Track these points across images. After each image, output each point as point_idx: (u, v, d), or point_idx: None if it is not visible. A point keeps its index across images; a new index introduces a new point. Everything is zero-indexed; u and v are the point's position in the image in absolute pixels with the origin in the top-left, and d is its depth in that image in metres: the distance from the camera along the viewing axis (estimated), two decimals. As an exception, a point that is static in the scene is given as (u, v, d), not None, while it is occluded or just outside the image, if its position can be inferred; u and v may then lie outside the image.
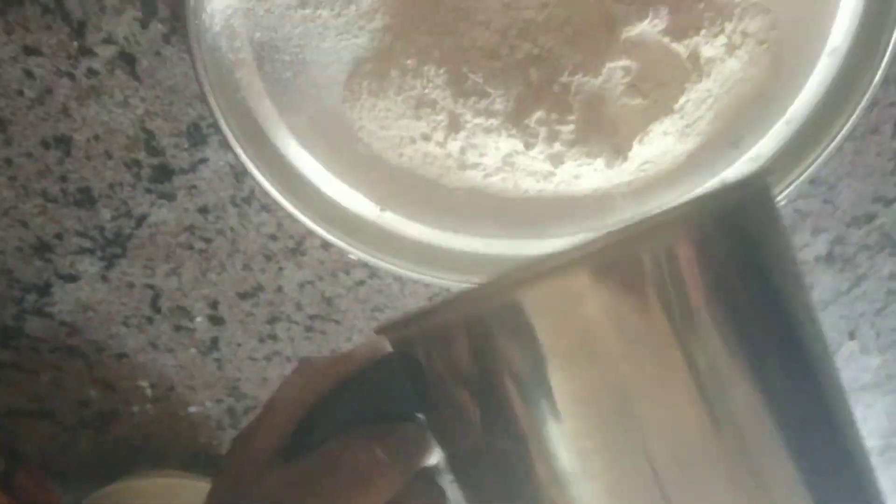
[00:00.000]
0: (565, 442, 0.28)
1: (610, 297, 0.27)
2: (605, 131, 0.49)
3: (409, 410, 0.32)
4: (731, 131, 0.52)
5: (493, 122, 0.49)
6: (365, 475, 0.30)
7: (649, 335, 0.27)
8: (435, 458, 0.32)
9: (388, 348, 0.32)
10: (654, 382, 0.27)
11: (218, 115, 0.47)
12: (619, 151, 0.49)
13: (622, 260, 0.27)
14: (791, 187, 0.53)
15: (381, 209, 0.55)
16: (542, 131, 0.48)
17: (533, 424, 0.28)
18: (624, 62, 0.47)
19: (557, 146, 0.49)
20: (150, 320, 0.64)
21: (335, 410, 0.31)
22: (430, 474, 0.33)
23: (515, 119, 0.48)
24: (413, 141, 0.51)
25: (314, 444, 0.30)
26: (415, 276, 0.55)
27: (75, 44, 0.49)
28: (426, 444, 0.32)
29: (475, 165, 0.52)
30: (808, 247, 0.63)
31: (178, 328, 0.64)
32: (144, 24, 0.49)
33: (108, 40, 0.49)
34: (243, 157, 0.49)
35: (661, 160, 0.52)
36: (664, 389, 0.27)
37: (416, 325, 0.31)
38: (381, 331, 0.32)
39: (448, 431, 0.31)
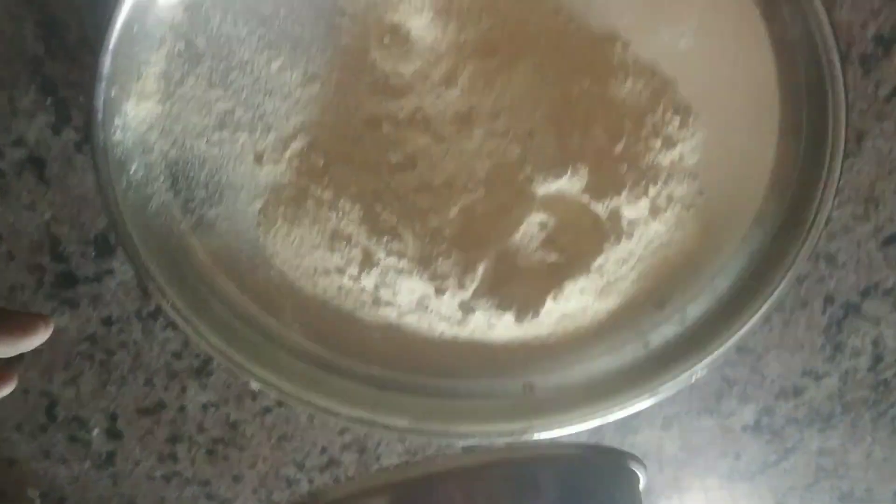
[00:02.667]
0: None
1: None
2: (516, 285, 0.47)
3: None
4: (655, 292, 0.51)
5: (405, 263, 0.47)
6: None
7: None
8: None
9: None
10: None
11: (121, 230, 0.46)
12: (529, 307, 0.47)
13: None
14: (717, 354, 0.51)
15: (292, 338, 0.52)
16: (451, 279, 0.46)
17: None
18: (541, 217, 0.46)
19: (466, 296, 0.47)
20: (44, 428, 0.60)
21: None
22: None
23: (426, 264, 0.47)
24: (327, 273, 0.50)
25: None
26: (319, 411, 0.52)
27: (-16, 143, 0.48)
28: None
29: (389, 303, 0.50)
30: (734, 415, 0.61)
31: (73, 439, 0.61)
32: (56, 131, 0.48)
33: (19, 143, 0.48)
34: (144, 276, 0.47)
35: (579, 316, 0.50)
36: None
37: None
38: None
39: None
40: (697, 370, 0.51)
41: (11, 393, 0.57)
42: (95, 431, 0.61)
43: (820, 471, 0.65)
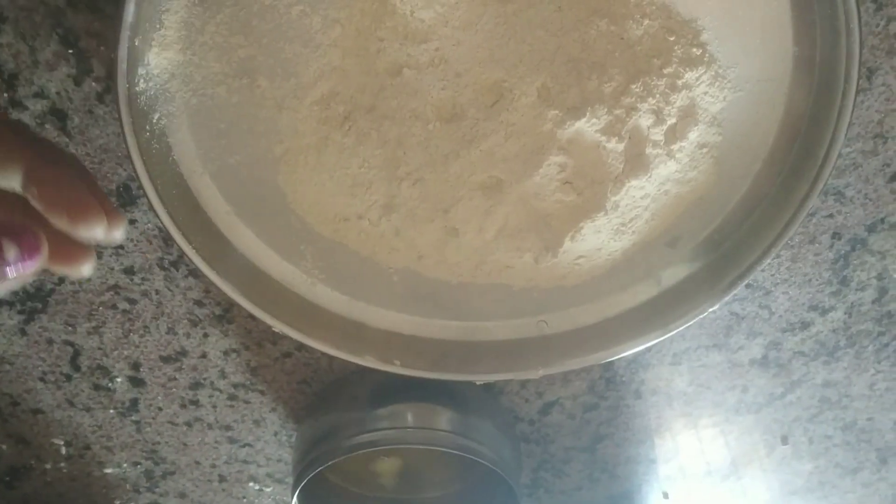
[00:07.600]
0: None
1: None
2: (535, 227, 0.48)
3: None
4: (668, 232, 0.52)
5: (426, 207, 0.48)
6: None
7: None
8: None
9: None
10: None
11: (144, 179, 0.46)
12: (548, 248, 0.48)
13: None
14: (727, 292, 0.52)
15: (312, 283, 0.53)
16: (472, 222, 0.47)
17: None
18: (560, 158, 0.47)
19: (486, 238, 0.48)
20: (68, 378, 0.61)
21: None
22: None
23: (446, 207, 0.47)
24: (347, 218, 0.50)
25: None
26: (340, 354, 0.53)
27: (6, 95, 0.48)
28: None
29: (408, 247, 0.51)
30: (742, 349, 0.62)
31: (97, 387, 0.62)
32: (78, 82, 0.48)
33: (40, 94, 0.48)
34: (167, 223, 0.48)
35: (594, 256, 0.51)
36: None
37: None
38: None
39: None
40: (708, 308, 0.52)
41: (35, 342, 0.59)
42: (119, 380, 0.62)
43: (824, 402, 0.67)
